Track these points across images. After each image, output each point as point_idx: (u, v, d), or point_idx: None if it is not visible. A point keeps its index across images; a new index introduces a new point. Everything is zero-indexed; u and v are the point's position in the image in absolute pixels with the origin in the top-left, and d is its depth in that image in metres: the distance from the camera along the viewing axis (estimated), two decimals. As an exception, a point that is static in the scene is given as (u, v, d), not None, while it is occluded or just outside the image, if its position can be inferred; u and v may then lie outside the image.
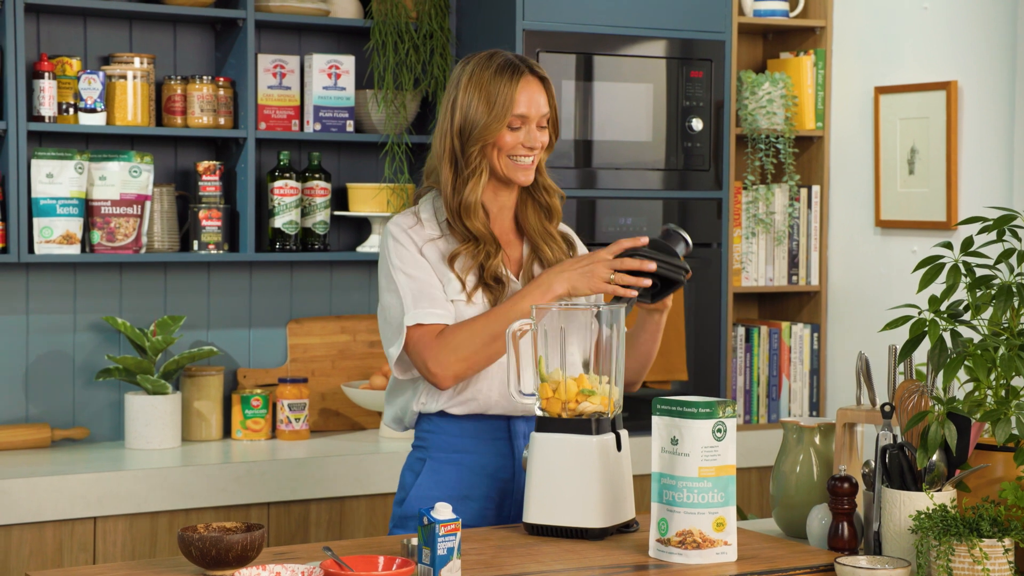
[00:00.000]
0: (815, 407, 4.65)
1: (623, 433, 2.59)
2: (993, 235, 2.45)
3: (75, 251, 3.88)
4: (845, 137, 4.57)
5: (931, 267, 2.42)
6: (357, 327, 4.38)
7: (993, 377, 2.37)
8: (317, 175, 4.20)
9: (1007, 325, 2.39)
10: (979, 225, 2.46)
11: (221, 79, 4.07)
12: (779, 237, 4.60)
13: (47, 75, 3.86)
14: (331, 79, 4.19)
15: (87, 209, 3.92)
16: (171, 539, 3.68)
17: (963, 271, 2.41)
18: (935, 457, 2.35)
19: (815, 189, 4.63)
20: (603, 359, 2.58)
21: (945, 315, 2.39)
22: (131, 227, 3.94)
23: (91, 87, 3.91)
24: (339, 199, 4.34)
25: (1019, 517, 2.27)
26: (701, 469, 2.37)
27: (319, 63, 4.18)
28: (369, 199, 4.25)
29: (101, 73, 3.93)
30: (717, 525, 2.38)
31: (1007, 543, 2.23)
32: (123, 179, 3.92)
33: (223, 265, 4.23)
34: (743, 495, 4.36)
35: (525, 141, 2.72)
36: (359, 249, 4.29)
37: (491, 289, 2.72)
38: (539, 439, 2.55)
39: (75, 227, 3.87)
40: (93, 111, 3.92)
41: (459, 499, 2.70)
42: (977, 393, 2.39)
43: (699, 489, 2.37)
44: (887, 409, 2.47)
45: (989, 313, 2.39)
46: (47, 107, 3.86)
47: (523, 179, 2.75)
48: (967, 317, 2.42)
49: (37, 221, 3.84)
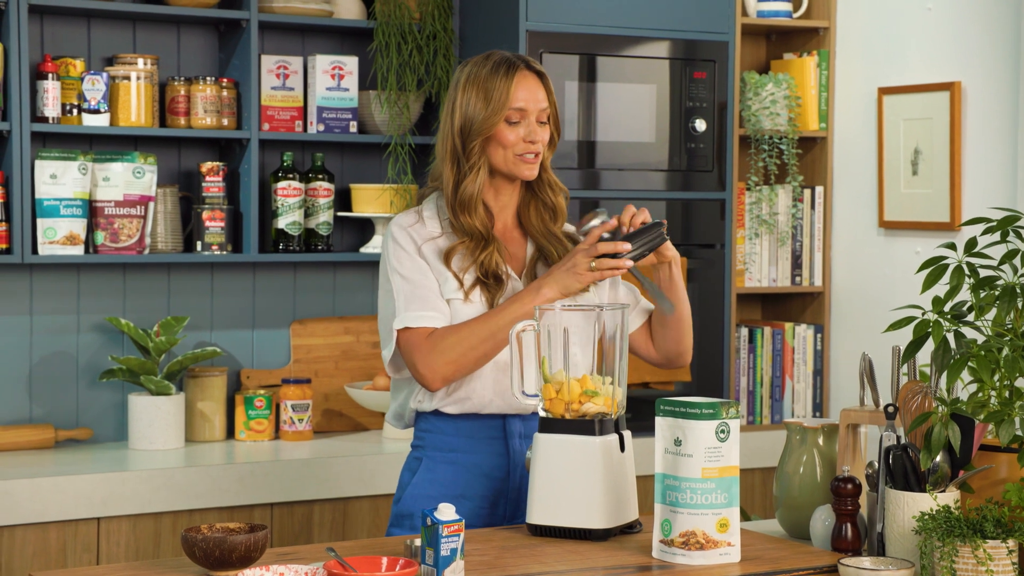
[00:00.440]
0: (818, 408, 4.65)
1: (626, 434, 2.59)
2: (997, 236, 2.45)
3: (79, 252, 3.88)
4: (848, 138, 4.57)
5: (935, 268, 2.42)
6: (360, 328, 4.38)
7: (997, 378, 2.36)
8: (320, 176, 4.21)
9: (1011, 326, 2.39)
10: (983, 226, 2.46)
11: (224, 80, 4.08)
12: (782, 238, 4.60)
13: (51, 76, 3.86)
14: (334, 80, 4.19)
15: (91, 210, 3.92)
16: (175, 540, 3.68)
17: (967, 272, 2.41)
18: (939, 458, 2.35)
19: (818, 190, 4.63)
20: (606, 360, 2.58)
21: (949, 316, 2.39)
22: (135, 228, 3.94)
23: (95, 88, 3.91)
24: (342, 200, 4.34)
25: (1023, 518, 2.27)
26: (704, 470, 2.37)
27: (322, 64, 4.18)
28: (372, 200, 4.25)
29: (105, 74, 3.93)
30: (720, 526, 2.38)
31: (1011, 544, 2.23)
32: (127, 180, 3.93)
33: (226, 266, 4.23)
34: (746, 496, 4.36)
35: (526, 135, 2.73)
36: (362, 250, 4.29)
37: (488, 287, 2.72)
38: (542, 440, 2.55)
39: (79, 228, 3.87)
40: (97, 112, 3.92)
41: (454, 498, 2.70)
42: (981, 394, 2.39)
43: (702, 490, 2.37)
44: (891, 410, 2.47)
45: (993, 314, 2.39)
46: (51, 108, 3.86)
47: (527, 173, 2.75)
48: (971, 318, 2.42)
49: (41, 222, 3.84)
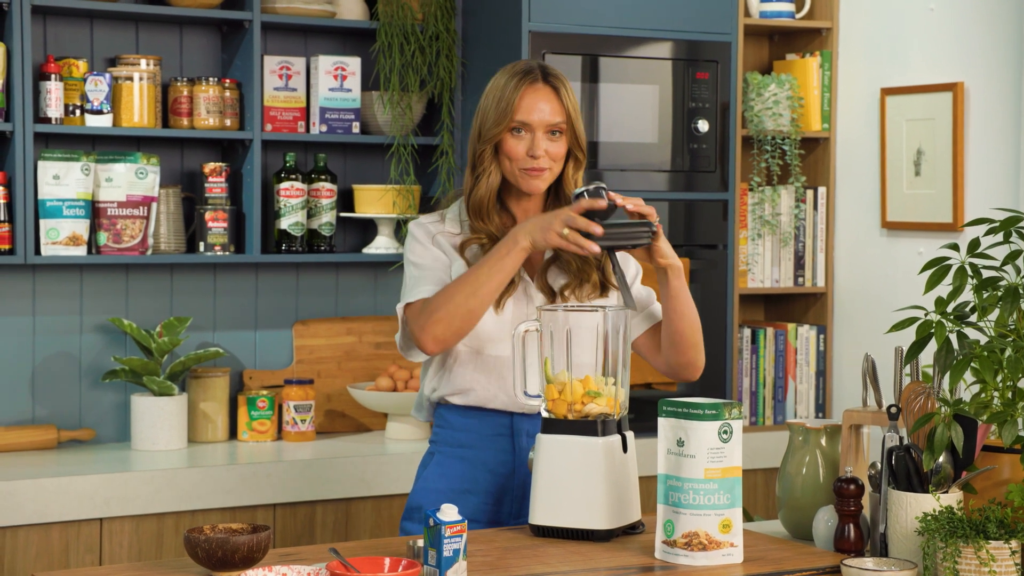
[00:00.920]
0: (821, 409, 4.65)
1: (629, 435, 2.59)
2: (1000, 236, 2.45)
3: (81, 252, 3.88)
4: (851, 138, 4.57)
5: (937, 268, 2.42)
6: (363, 328, 4.38)
7: (1000, 379, 2.36)
8: (323, 176, 4.21)
9: (1014, 327, 2.38)
10: (986, 226, 2.46)
11: (227, 81, 4.08)
12: (785, 238, 4.60)
13: (53, 77, 3.86)
14: (337, 80, 4.19)
15: (93, 211, 3.92)
16: (177, 540, 3.68)
17: (969, 273, 2.41)
18: (941, 459, 2.35)
19: (821, 190, 4.63)
20: (609, 360, 2.58)
21: (951, 317, 2.39)
22: (137, 228, 3.94)
23: (97, 89, 3.91)
24: (345, 200, 4.34)
25: (1026, 519, 2.27)
26: (707, 471, 2.37)
27: (325, 64, 4.18)
28: (375, 200, 4.25)
29: (107, 75, 3.93)
30: (723, 527, 2.38)
31: (1014, 545, 2.23)
32: (129, 180, 3.93)
33: (229, 266, 4.24)
34: (749, 497, 4.36)
35: (529, 149, 2.71)
36: (365, 251, 4.29)
37: None
38: (545, 440, 2.55)
39: (81, 228, 3.88)
40: (99, 113, 3.92)
41: (460, 492, 2.73)
42: (983, 395, 2.38)
43: (705, 491, 2.37)
44: (893, 411, 2.47)
45: (996, 315, 2.39)
46: (54, 109, 3.87)
47: (529, 187, 2.74)
48: (974, 319, 2.42)
49: (43, 223, 3.84)
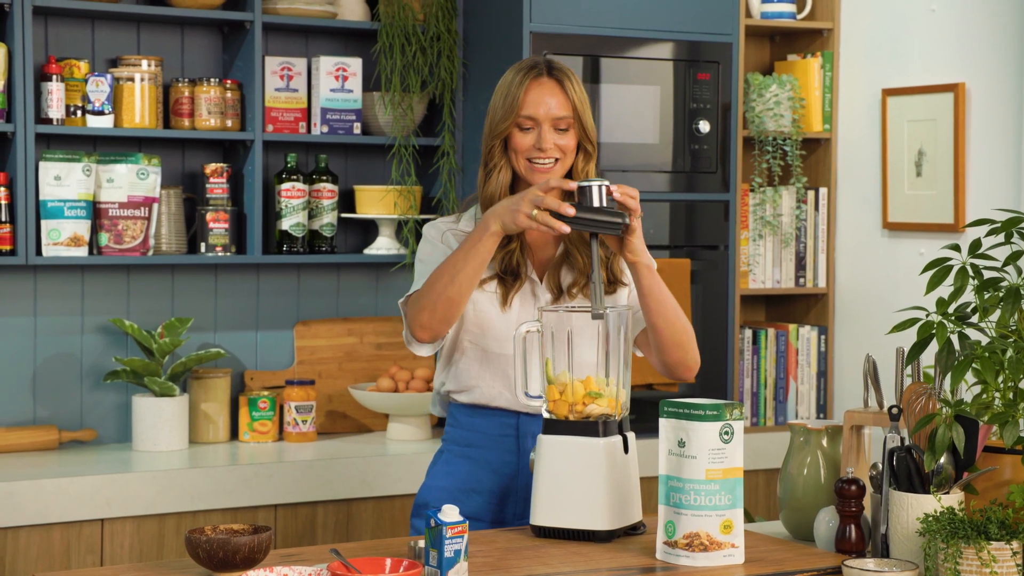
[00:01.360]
0: (822, 409, 4.65)
1: (630, 435, 2.59)
2: (1001, 237, 2.45)
3: (83, 253, 3.88)
4: (852, 139, 4.57)
5: (939, 269, 2.42)
6: (364, 329, 4.38)
7: (1001, 380, 2.36)
8: (324, 177, 4.21)
9: (1015, 327, 2.38)
10: (987, 227, 2.46)
11: (228, 81, 4.08)
12: (786, 239, 4.59)
13: (55, 77, 3.86)
14: (338, 81, 4.19)
15: (95, 211, 3.92)
16: (178, 541, 3.68)
17: (971, 273, 2.40)
18: (943, 460, 2.35)
19: (822, 191, 4.63)
20: (610, 361, 2.58)
21: (953, 317, 2.39)
22: (138, 229, 3.94)
23: (99, 89, 3.91)
24: (346, 201, 4.34)
25: (1027, 520, 2.27)
26: (708, 471, 2.37)
27: (326, 65, 4.18)
28: (376, 201, 4.25)
29: (109, 75, 3.93)
30: (724, 527, 2.38)
31: (1015, 546, 2.23)
32: (130, 181, 3.93)
33: (230, 267, 4.24)
34: (750, 497, 4.36)
35: (536, 143, 2.72)
36: (366, 251, 4.29)
37: (504, 282, 2.75)
38: (546, 441, 2.55)
39: (83, 229, 3.88)
40: (101, 113, 3.92)
41: (465, 491, 2.74)
42: (985, 396, 2.38)
43: (706, 491, 2.37)
44: (894, 411, 2.47)
45: (997, 315, 2.39)
46: (55, 109, 3.87)
47: (539, 181, 2.73)
48: (975, 319, 2.42)
49: (45, 223, 3.84)
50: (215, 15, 4.03)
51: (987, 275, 2.41)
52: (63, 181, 3.84)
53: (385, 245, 4.29)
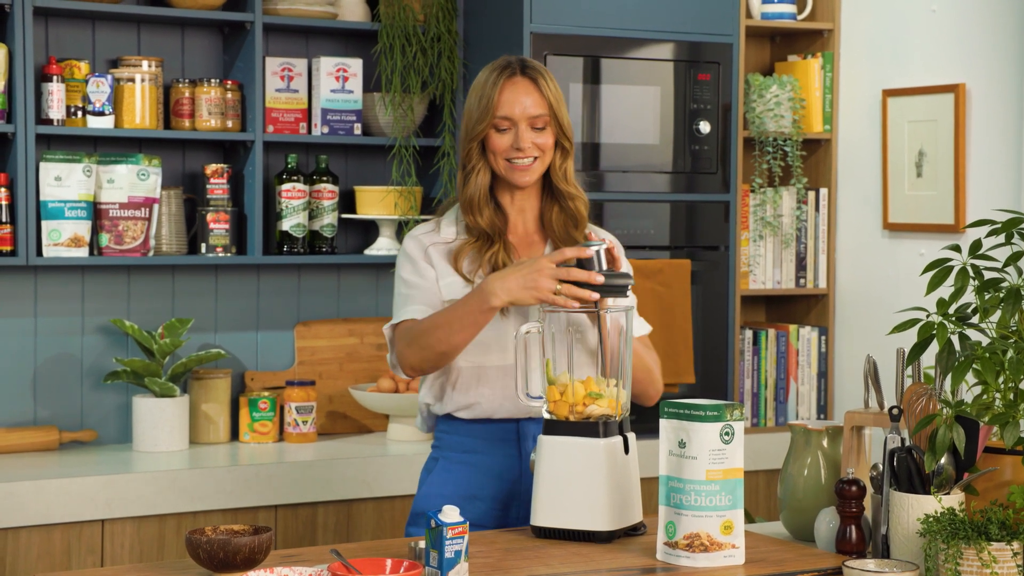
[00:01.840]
0: (823, 410, 4.65)
1: (631, 436, 2.59)
2: (1001, 238, 2.45)
3: (83, 254, 3.88)
4: (853, 140, 4.56)
5: (939, 270, 2.42)
6: (364, 330, 4.38)
7: (1001, 380, 2.36)
8: (324, 178, 4.21)
9: (1015, 328, 2.38)
10: (987, 228, 2.46)
11: (229, 82, 4.08)
12: (787, 240, 4.59)
13: (55, 78, 3.87)
14: (339, 82, 4.19)
15: (95, 212, 3.92)
16: (179, 542, 3.68)
17: (971, 274, 2.40)
18: (943, 460, 2.35)
19: (823, 192, 4.63)
20: (611, 362, 2.58)
21: (953, 318, 2.39)
22: (139, 230, 3.94)
23: (99, 90, 3.91)
24: (346, 202, 4.34)
25: (1027, 520, 2.27)
26: (709, 472, 2.36)
27: (327, 66, 4.18)
28: (377, 202, 4.25)
29: (109, 76, 3.93)
30: (725, 528, 2.38)
31: (1016, 546, 2.23)
32: (131, 182, 3.93)
33: (231, 268, 4.24)
34: (751, 498, 4.36)
35: (514, 143, 2.72)
36: (366, 252, 4.29)
37: None
38: (546, 442, 2.55)
39: (83, 230, 3.88)
40: (101, 114, 3.92)
41: (467, 498, 2.72)
42: (985, 396, 2.38)
43: (707, 492, 2.37)
44: (895, 412, 2.47)
45: (997, 316, 2.39)
46: (55, 110, 3.87)
47: (520, 180, 2.74)
48: (975, 320, 2.41)
49: (45, 224, 3.84)
50: (215, 16, 4.03)
51: (987, 276, 2.41)
52: (64, 182, 3.84)
53: (385, 246, 4.29)
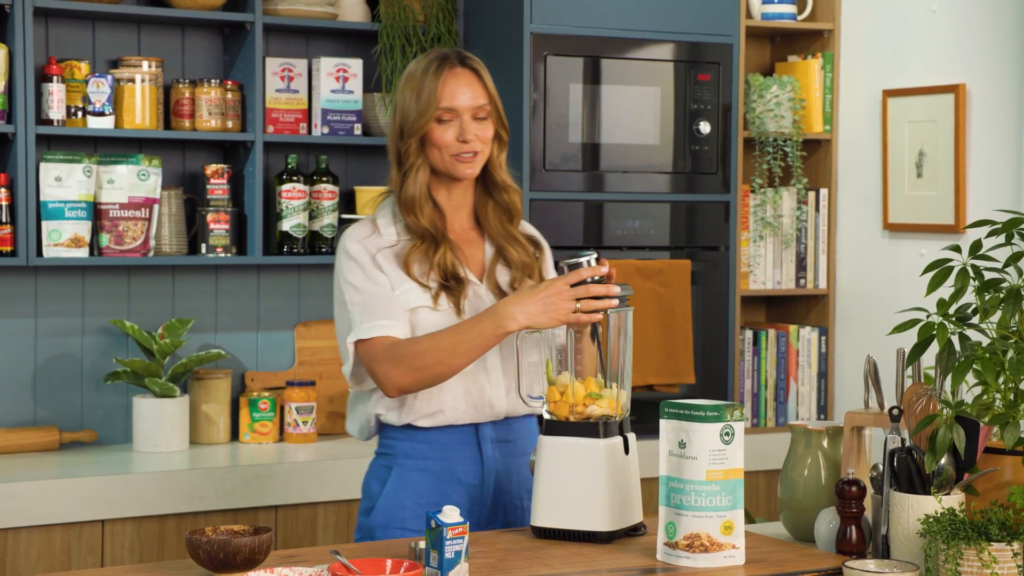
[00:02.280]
0: (823, 410, 4.65)
1: (631, 436, 2.59)
2: (1001, 238, 2.45)
3: (83, 254, 3.88)
4: (853, 140, 4.56)
5: (939, 270, 2.42)
6: (365, 330, 4.37)
7: (1002, 381, 2.36)
8: (325, 178, 4.21)
9: (1016, 328, 2.38)
10: (987, 228, 2.46)
11: (229, 82, 4.08)
12: (787, 240, 4.59)
13: (56, 79, 3.87)
14: (339, 82, 4.19)
15: (95, 212, 3.92)
16: (179, 542, 3.68)
17: (971, 274, 2.40)
18: (943, 461, 2.35)
19: (823, 192, 4.63)
20: (611, 362, 2.58)
21: (953, 318, 2.39)
22: (139, 230, 3.94)
23: (99, 90, 3.91)
24: (347, 202, 4.34)
25: (1028, 521, 2.27)
26: (709, 472, 2.36)
27: (327, 66, 4.18)
28: (377, 202, 4.24)
29: (109, 76, 3.93)
30: (725, 528, 2.38)
31: (1016, 547, 2.23)
32: (131, 182, 3.93)
33: (231, 268, 4.24)
34: (751, 498, 4.36)
35: (459, 135, 2.68)
36: (367, 252, 4.29)
37: (451, 290, 2.67)
38: (547, 442, 2.55)
39: (83, 230, 3.88)
40: (101, 114, 3.92)
41: (428, 506, 2.65)
42: (985, 397, 2.38)
43: (707, 492, 2.37)
44: (895, 412, 2.47)
45: (998, 316, 2.39)
46: (56, 110, 3.87)
47: (465, 173, 2.70)
48: (975, 320, 2.41)
49: (45, 224, 3.84)
50: (216, 16, 4.03)
51: (988, 276, 2.41)
52: (64, 182, 3.84)
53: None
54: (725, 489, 2.37)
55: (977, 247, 2.42)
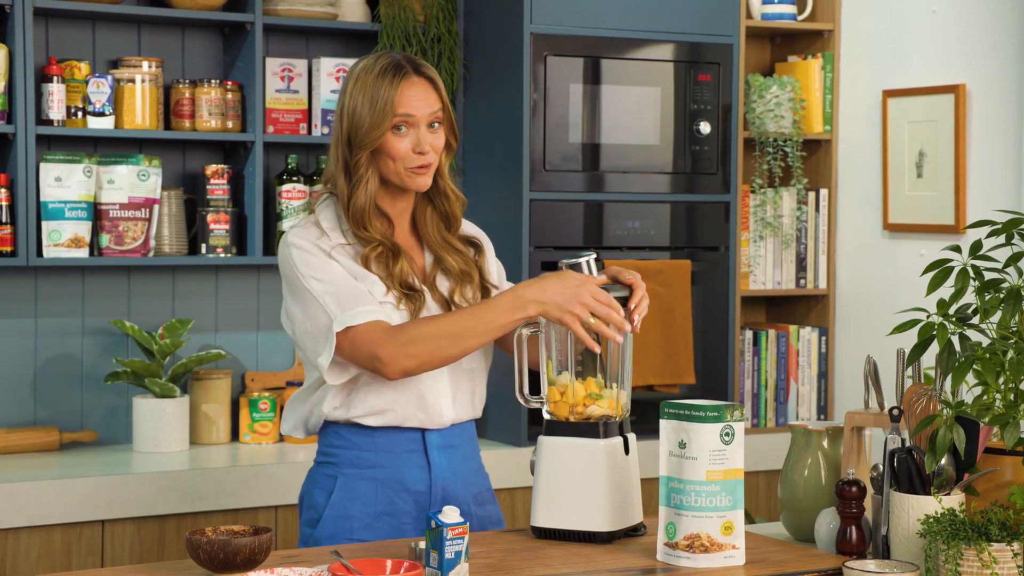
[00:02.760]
0: (823, 411, 4.65)
1: (631, 436, 2.59)
2: (1002, 239, 2.45)
3: (83, 254, 3.88)
4: (853, 140, 4.56)
5: (939, 270, 2.42)
6: (365, 330, 4.37)
7: (1002, 381, 2.36)
8: (325, 178, 4.21)
9: (1016, 329, 2.38)
10: (987, 228, 2.46)
11: (229, 83, 4.08)
12: (787, 240, 4.59)
13: (56, 79, 3.87)
14: (339, 82, 4.19)
15: (95, 212, 3.93)
16: (179, 542, 3.68)
17: (971, 275, 2.40)
18: (943, 461, 2.35)
19: (823, 192, 4.63)
20: (611, 362, 2.58)
21: (953, 319, 2.39)
22: (139, 230, 3.94)
23: (99, 91, 3.91)
24: (347, 202, 4.34)
25: (1028, 521, 2.27)
26: (709, 473, 2.36)
27: (327, 66, 4.18)
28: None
29: (109, 77, 3.93)
30: (725, 529, 2.38)
31: (1016, 547, 2.23)
32: (131, 182, 3.93)
33: (231, 268, 4.24)
34: (751, 499, 4.36)
35: (415, 146, 2.59)
36: (367, 252, 4.29)
37: (411, 298, 2.61)
38: (547, 443, 2.55)
39: (83, 230, 3.88)
40: (101, 115, 3.92)
41: (376, 515, 2.61)
42: (986, 397, 2.38)
43: (707, 493, 2.37)
44: (895, 413, 2.47)
45: (998, 317, 2.39)
46: (56, 111, 3.87)
47: (418, 184, 2.62)
48: (975, 321, 2.42)
49: (46, 224, 3.84)
50: (216, 16, 4.03)
51: (988, 276, 2.41)
52: (64, 182, 3.84)
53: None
54: (725, 489, 2.37)
55: (977, 247, 2.42)
